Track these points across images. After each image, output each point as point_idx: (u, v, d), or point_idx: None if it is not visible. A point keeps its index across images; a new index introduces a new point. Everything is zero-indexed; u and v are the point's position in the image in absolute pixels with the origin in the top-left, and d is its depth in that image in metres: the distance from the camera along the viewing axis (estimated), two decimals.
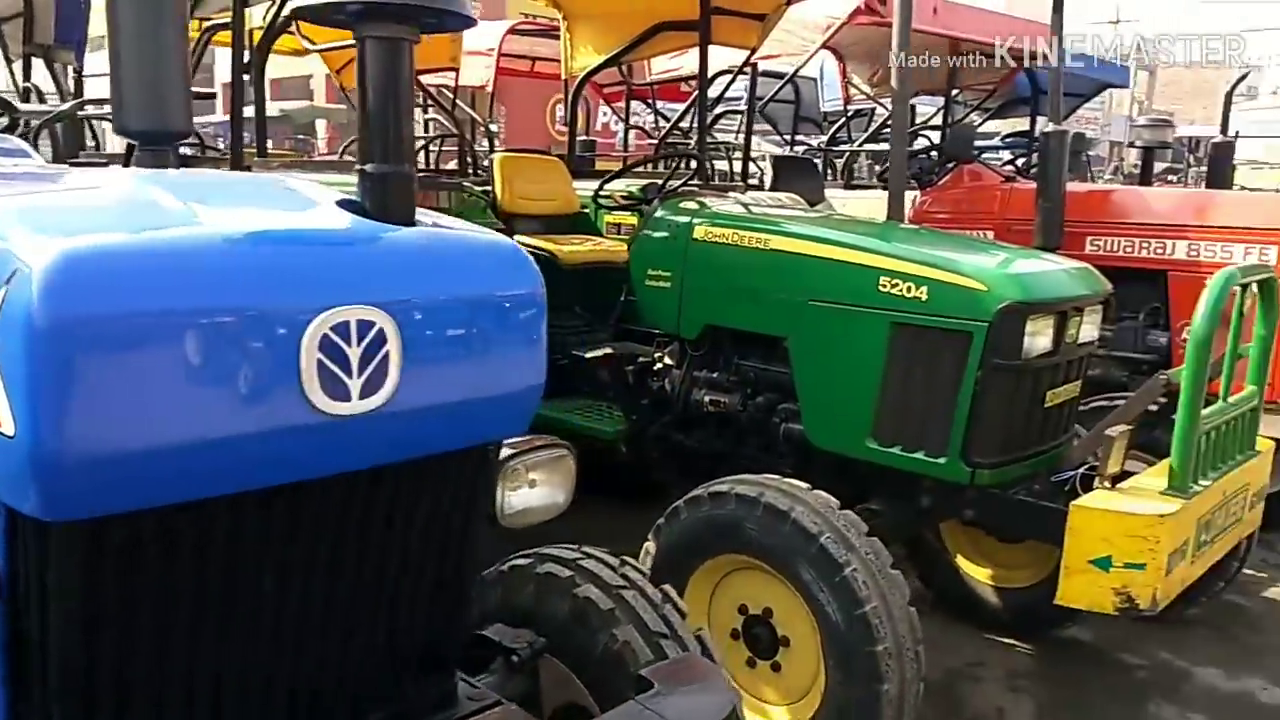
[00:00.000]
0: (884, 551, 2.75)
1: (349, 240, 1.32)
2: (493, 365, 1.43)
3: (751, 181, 6.83)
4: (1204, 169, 17.44)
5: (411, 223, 1.37)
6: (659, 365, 4.02)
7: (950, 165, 5.51)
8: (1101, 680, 3.64)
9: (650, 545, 3.11)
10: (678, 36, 5.05)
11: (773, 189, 6.42)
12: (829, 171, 7.36)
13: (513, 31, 6.88)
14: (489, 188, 4.57)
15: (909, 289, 3.05)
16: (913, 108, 7.58)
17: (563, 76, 5.74)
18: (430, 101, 6.33)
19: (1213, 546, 2.81)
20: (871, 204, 5.64)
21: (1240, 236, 4.32)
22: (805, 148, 8.31)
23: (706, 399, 3.75)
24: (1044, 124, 7.06)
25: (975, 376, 2.93)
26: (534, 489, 1.69)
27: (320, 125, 18.87)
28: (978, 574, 3.98)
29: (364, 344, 1.23)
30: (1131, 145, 7.79)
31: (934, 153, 5.81)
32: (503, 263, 1.47)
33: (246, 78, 3.75)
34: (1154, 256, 4.55)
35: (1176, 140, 15.71)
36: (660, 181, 4.15)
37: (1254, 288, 2.87)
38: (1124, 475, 2.81)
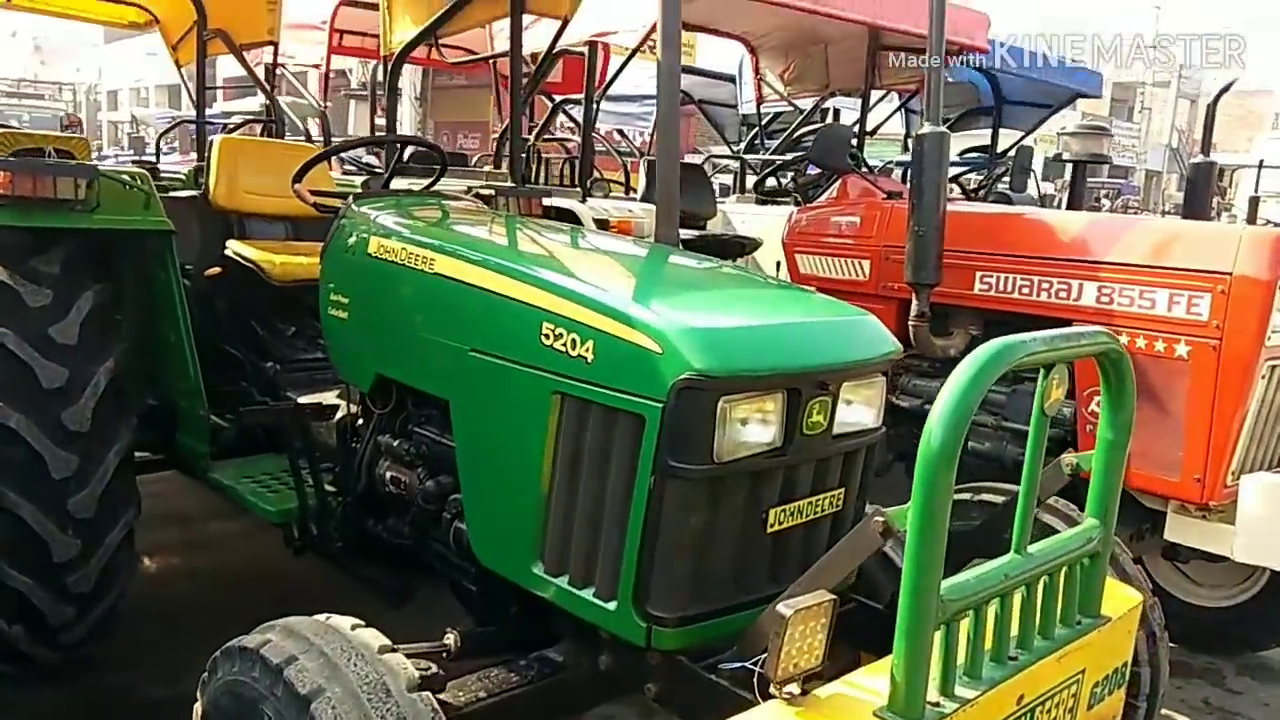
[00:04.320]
0: None
1: None
2: None
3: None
4: (1231, 200, 16.18)
5: None
6: (360, 422, 3.00)
7: (832, 178, 4.40)
8: None
9: (198, 705, 2.12)
10: (489, 4, 4.07)
11: (644, 199, 5.42)
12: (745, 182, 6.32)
13: (346, 3, 5.91)
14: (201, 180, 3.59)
15: (573, 343, 2.00)
16: (836, 111, 6.54)
17: (381, 53, 4.74)
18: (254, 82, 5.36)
19: None
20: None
21: (1164, 279, 3.16)
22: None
23: (388, 474, 2.71)
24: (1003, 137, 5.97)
25: (648, 484, 1.87)
26: None
27: None
28: None
29: None
30: (1057, 158, 6.64)
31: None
32: None
33: None
34: (1057, 301, 3.40)
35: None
36: (385, 173, 3.10)
37: (1061, 371, 1.70)
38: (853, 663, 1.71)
